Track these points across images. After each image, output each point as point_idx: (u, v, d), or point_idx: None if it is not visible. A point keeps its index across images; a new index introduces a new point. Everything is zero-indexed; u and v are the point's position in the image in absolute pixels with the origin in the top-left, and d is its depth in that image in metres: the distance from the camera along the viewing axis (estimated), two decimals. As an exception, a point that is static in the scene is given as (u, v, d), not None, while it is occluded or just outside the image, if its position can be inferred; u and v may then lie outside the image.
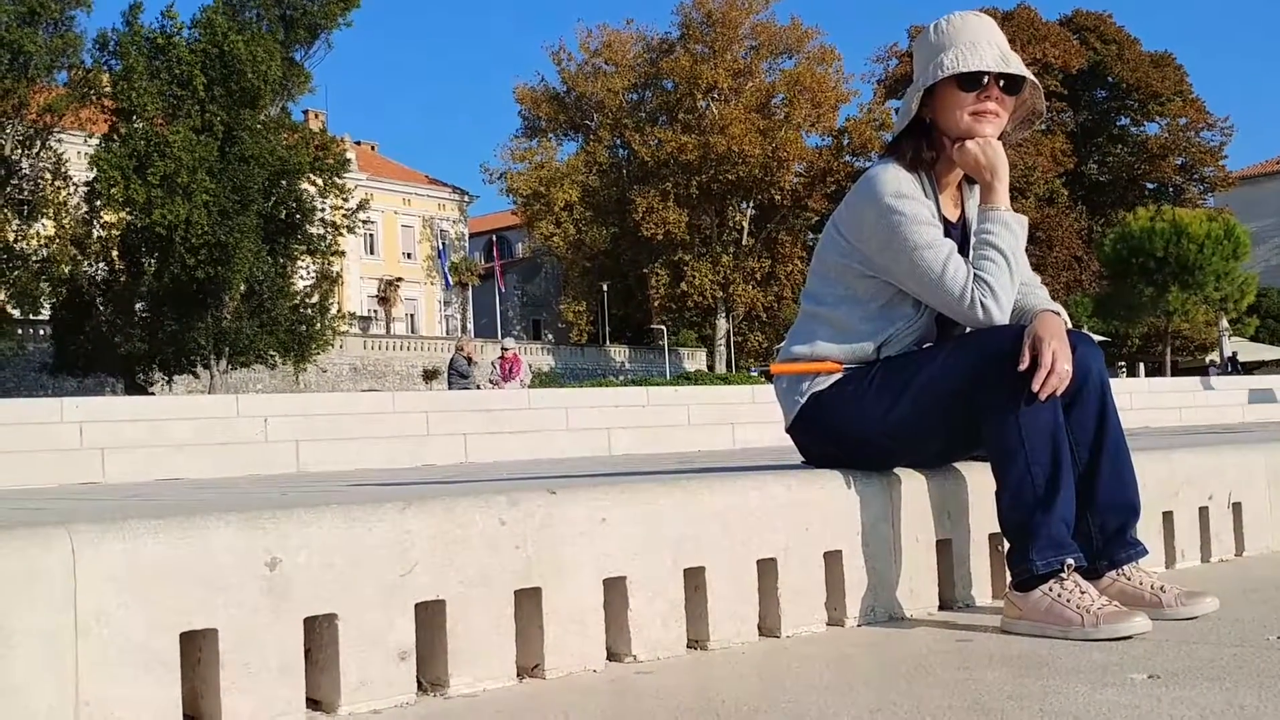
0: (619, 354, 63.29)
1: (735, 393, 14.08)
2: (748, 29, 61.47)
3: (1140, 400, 16.11)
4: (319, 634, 1.92)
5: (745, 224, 61.67)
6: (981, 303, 2.60)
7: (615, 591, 2.26)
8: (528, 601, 2.14)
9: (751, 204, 61.31)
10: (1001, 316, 2.61)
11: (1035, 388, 2.43)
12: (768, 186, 59.38)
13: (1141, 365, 52.42)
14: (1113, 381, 2.70)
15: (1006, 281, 2.62)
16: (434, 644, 2.03)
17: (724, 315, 61.07)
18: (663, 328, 60.78)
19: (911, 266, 2.63)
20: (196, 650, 1.81)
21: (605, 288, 63.19)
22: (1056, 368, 2.43)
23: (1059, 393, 2.46)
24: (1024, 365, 2.44)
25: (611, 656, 2.26)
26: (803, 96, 59.35)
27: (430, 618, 2.03)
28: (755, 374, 3.58)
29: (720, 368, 58.34)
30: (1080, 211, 62.82)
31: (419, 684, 2.01)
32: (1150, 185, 65.52)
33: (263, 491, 3.87)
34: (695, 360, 61.97)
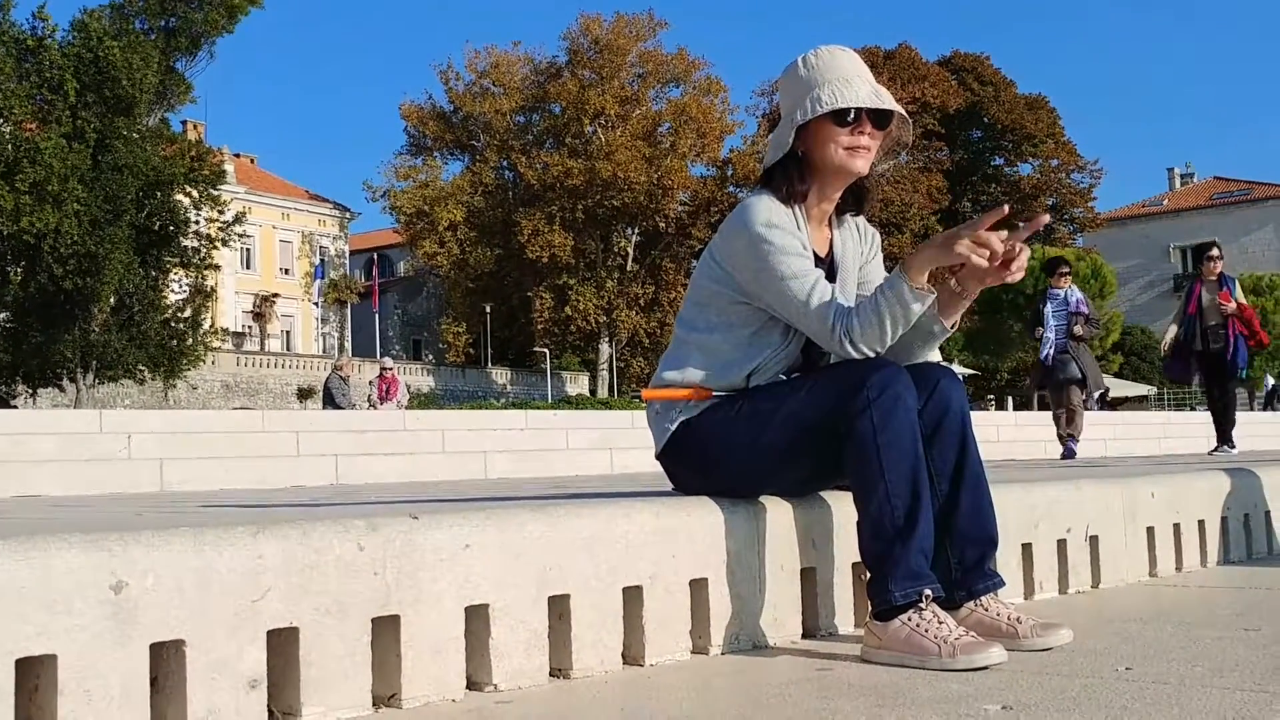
0: (500, 376, 62.96)
1: (615, 417, 14.07)
2: (635, 56, 61.88)
3: (1007, 434, 16.51)
4: (166, 661, 1.85)
5: (630, 250, 61.93)
6: (845, 337, 2.62)
7: (477, 619, 2.23)
8: (386, 629, 2.10)
9: (636, 230, 61.60)
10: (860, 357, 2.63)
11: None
12: (652, 214, 59.76)
13: (1010, 399, 53.76)
14: (981, 414, 2.75)
15: (874, 339, 2.61)
16: (286, 672, 1.98)
17: (607, 340, 61.18)
18: (545, 351, 60.65)
19: (779, 294, 2.66)
20: (34, 677, 1.73)
21: (488, 309, 62.87)
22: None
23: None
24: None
25: (472, 685, 2.22)
26: (688, 126, 59.91)
27: (283, 645, 1.97)
28: (638, 399, 3.57)
29: (603, 392, 58.38)
30: (955, 248, 64.24)
31: (270, 713, 1.95)
32: (1022, 224, 67.30)
33: (117, 511, 3.75)
34: (578, 384, 61.93)
